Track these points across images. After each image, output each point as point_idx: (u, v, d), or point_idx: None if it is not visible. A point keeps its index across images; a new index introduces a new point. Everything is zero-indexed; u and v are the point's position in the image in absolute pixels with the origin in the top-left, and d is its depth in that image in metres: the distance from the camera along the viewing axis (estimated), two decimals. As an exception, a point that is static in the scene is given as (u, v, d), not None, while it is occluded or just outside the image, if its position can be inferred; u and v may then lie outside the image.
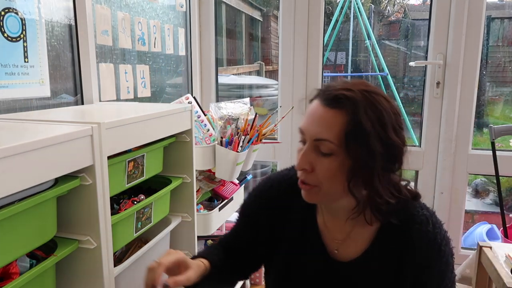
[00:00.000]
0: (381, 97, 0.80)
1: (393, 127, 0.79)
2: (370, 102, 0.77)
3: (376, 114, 0.77)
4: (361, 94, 0.78)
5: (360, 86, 0.80)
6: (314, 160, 0.81)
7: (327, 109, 0.79)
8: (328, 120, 0.78)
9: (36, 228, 0.83)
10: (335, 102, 0.78)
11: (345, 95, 0.77)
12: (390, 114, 0.79)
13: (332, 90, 0.80)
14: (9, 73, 1.14)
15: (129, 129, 1.08)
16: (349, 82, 0.84)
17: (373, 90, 0.80)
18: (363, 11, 4.76)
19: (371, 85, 0.83)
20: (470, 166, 2.10)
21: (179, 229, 1.49)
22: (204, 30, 2.27)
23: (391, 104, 0.81)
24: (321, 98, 0.81)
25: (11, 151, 0.71)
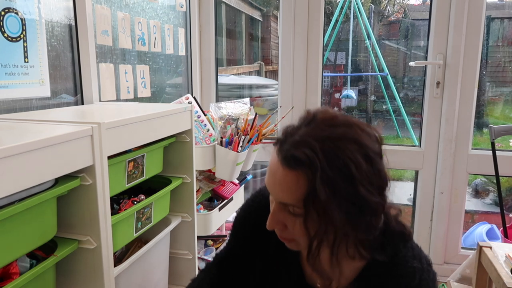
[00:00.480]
0: (350, 143, 0.69)
1: (365, 179, 0.68)
2: (332, 159, 0.67)
3: (340, 172, 0.67)
4: (321, 150, 0.67)
5: (324, 132, 0.70)
6: (284, 219, 0.75)
7: (286, 170, 0.70)
8: (288, 183, 0.70)
9: (36, 228, 0.83)
10: (293, 163, 0.69)
11: (303, 155, 0.68)
12: (360, 165, 0.68)
13: (291, 146, 0.70)
14: (9, 73, 1.14)
15: (129, 129, 1.08)
16: (312, 126, 0.72)
17: (338, 136, 0.69)
18: (363, 11, 4.76)
19: (340, 122, 0.72)
20: (470, 166, 2.10)
21: (179, 229, 1.49)
22: (204, 30, 2.27)
23: (365, 147, 0.70)
24: (280, 154, 0.72)
25: (11, 151, 0.71)
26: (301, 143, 0.69)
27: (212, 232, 1.77)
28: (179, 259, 1.53)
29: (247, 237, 0.96)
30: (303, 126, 0.73)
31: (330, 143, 0.68)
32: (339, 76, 5.54)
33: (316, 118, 0.73)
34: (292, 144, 0.71)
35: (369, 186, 0.69)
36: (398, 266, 0.77)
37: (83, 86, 1.41)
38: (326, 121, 0.72)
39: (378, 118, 5.32)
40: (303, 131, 0.72)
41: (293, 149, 0.70)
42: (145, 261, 1.28)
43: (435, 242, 2.18)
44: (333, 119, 0.72)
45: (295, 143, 0.70)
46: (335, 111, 0.75)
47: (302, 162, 0.68)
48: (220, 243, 2.03)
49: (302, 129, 0.72)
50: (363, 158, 0.69)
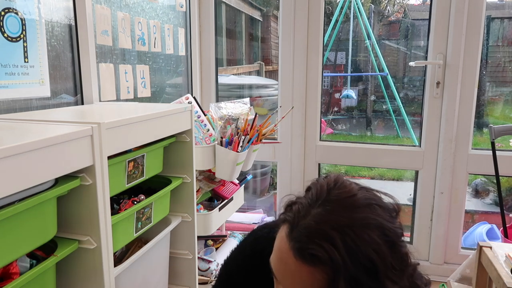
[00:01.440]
0: (372, 230, 0.61)
1: (390, 269, 0.62)
2: (355, 254, 0.59)
3: (365, 268, 0.60)
4: (343, 244, 0.59)
5: (343, 219, 0.61)
6: None
7: (301, 264, 0.61)
8: (303, 278, 0.62)
9: (36, 228, 0.83)
10: (310, 259, 0.61)
11: (323, 253, 0.59)
12: (385, 256, 0.61)
13: (306, 236, 0.61)
14: (9, 73, 1.14)
15: (129, 129, 1.08)
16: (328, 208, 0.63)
17: (360, 224, 0.61)
18: (363, 11, 4.77)
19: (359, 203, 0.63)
20: (470, 166, 2.10)
21: (179, 229, 1.49)
22: (204, 30, 2.27)
23: (387, 231, 0.63)
24: (291, 242, 0.63)
25: (11, 151, 0.71)
26: (318, 234, 0.61)
27: (212, 232, 1.77)
28: (179, 259, 1.53)
29: (237, 283, 0.88)
30: (316, 207, 0.64)
31: (351, 233, 0.60)
32: (339, 76, 5.54)
33: (331, 196, 0.64)
34: (306, 232, 0.62)
35: (393, 275, 0.62)
36: None
37: (83, 86, 1.41)
38: (343, 202, 0.64)
39: (378, 118, 5.32)
40: (317, 215, 0.63)
41: (309, 242, 0.61)
42: (145, 261, 1.28)
43: (435, 242, 2.18)
44: (351, 199, 0.64)
45: (310, 233, 0.61)
46: (350, 184, 0.67)
47: (321, 260, 0.60)
48: (220, 243, 2.03)
49: (315, 210, 0.63)
50: (387, 245, 0.62)
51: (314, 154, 2.27)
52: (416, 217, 2.22)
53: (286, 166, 2.30)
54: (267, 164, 3.29)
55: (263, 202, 3.18)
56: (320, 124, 2.27)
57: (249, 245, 0.90)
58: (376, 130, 5.31)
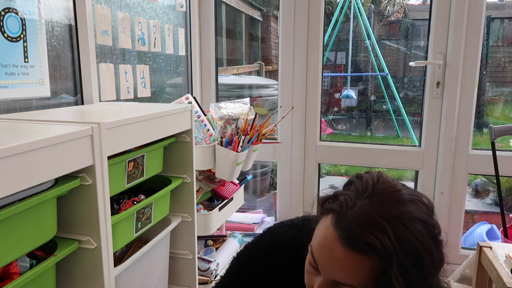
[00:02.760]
0: (419, 224, 0.63)
1: (432, 266, 0.64)
2: (406, 245, 0.60)
3: (414, 261, 0.61)
4: (394, 235, 0.60)
5: (392, 210, 0.62)
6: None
7: (350, 252, 0.62)
8: (352, 266, 0.63)
9: (36, 228, 0.83)
10: (362, 247, 0.61)
11: (376, 240, 0.60)
12: (431, 251, 0.63)
13: (356, 224, 0.62)
14: (9, 73, 1.14)
15: (129, 129, 1.08)
16: (376, 200, 0.64)
17: (408, 216, 0.62)
18: (363, 11, 4.77)
19: (405, 197, 0.65)
20: (470, 166, 2.10)
21: (179, 229, 1.49)
22: (204, 30, 2.27)
23: (431, 227, 0.65)
24: (340, 231, 0.63)
25: (11, 151, 0.71)
26: (369, 223, 0.61)
27: (212, 232, 1.77)
28: (179, 259, 1.53)
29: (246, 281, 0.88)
30: (363, 198, 0.65)
31: (401, 224, 0.61)
32: (339, 76, 5.54)
33: (377, 189, 0.65)
34: (356, 221, 0.62)
35: (435, 272, 0.65)
36: None
37: (83, 86, 1.41)
38: (391, 195, 0.65)
39: (378, 118, 5.32)
40: (365, 205, 0.64)
41: (361, 230, 0.61)
42: (145, 261, 1.28)
43: (435, 242, 2.18)
44: (397, 193, 0.65)
45: (361, 221, 0.62)
46: (393, 180, 0.68)
47: (374, 249, 0.60)
48: (220, 243, 2.03)
49: (362, 202, 0.64)
50: (431, 240, 0.64)
51: (314, 154, 2.27)
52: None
53: (286, 166, 2.30)
54: (267, 164, 3.29)
55: (263, 202, 3.18)
56: (320, 124, 2.27)
57: (266, 245, 0.89)
58: (376, 130, 5.32)
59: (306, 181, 2.31)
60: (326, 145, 2.26)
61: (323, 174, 4.31)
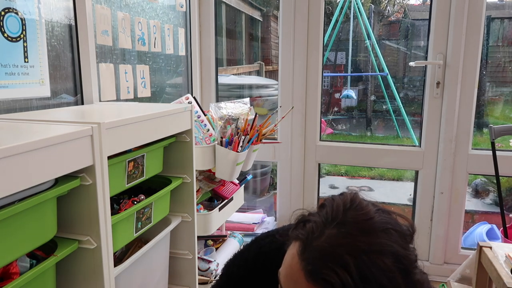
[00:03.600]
0: (388, 257, 0.60)
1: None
2: (368, 280, 0.58)
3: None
4: (357, 271, 0.58)
5: (359, 243, 0.60)
6: None
7: (312, 286, 0.60)
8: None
9: (36, 228, 0.83)
10: (322, 283, 0.59)
11: (335, 279, 0.58)
12: (398, 282, 0.60)
13: (318, 259, 0.61)
14: (9, 73, 1.14)
15: (129, 129, 1.08)
16: (344, 231, 0.62)
17: (376, 250, 0.60)
18: (363, 11, 4.77)
19: (376, 226, 0.62)
20: (470, 166, 2.10)
21: (179, 229, 1.49)
22: (204, 30, 2.27)
23: (402, 259, 0.61)
24: (303, 262, 0.62)
25: (11, 151, 0.71)
26: (332, 258, 0.59)
27: (212, 232, 1.77)
28: (179, 259, 1.53)
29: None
30: (330, 227, 0.63)
31: (366, 259, 0.59)
32: (339, 76, 5.55)
33: (347, 218, 0.63)
34: (320, 255, 0.61)
35: None
36: None
37: (83, 86, 1.41)
38: (360, 225, 0.62)
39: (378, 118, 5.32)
40: (332, 236, 0.62)
41: (323, 266, 0.59)
42: (145, 261, 1.28)
43: (435, 242, 2.18)
44: (368, 222, 0.62)
45: (324, 256, 0.60)
46: (367, 205, 0.65)
47: (333, 286, 0.58)
48: (220, 243, 2.03)
49: (330, 231, 0.62)
50: (401, 273, 0.60)
51: (314, 154, 2.27)
52: (416, 217, 2.22)
53: (286, 166, 2.30)
54: (267, 164, 3.29)
55: (263, 202, 3.18)
56: (320, 124, 2.27)
57: (253, 255, 0.89)
58: (376, 130, 5.32)
59: (306, 181, 2.31)
60: (326, 145, 2.26)
61: (323, 174, 4.32)
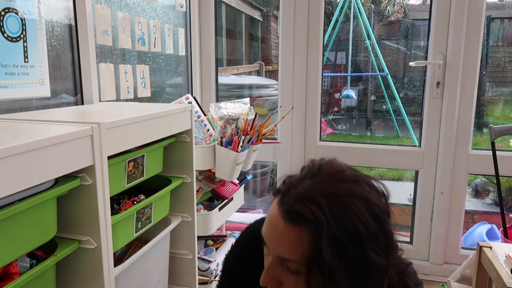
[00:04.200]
0: (358, 200, 0.65)
1: (373, 240, 0.64)
2: (339, 217, 0.63)
3: (348, 232, 0.63)
4: (328, 208, 0.63)
5: (331, 188, 0.65)
6: (280, 275, 0.70)
7: (289, 225, 0.65)
8: (291, 239, 0.66)
9: (36, 228, 0.83)
10: (297, 219, 0.64)
11: (308, 212, 0.63)
12: (368, 224, 0.64)
13: (294, 199, 0.66)
14: (9, 73, 1.14)
15: (129, 129, 1.08)
16: (318, 179, 0.67)
17: (346, 192, 0.65)
18: (363, 11, 4.77)
19: (347, 177, 0.68)
20: (470, 166, 2.10)
21: (179, 229, 1.49)
22: (204, 30, 2.27)
23: (373, 205, 0.66)
24: (281, 207, 0.67)
25: (11, 151, 0.71)
26: (306, 198, 0.65)
27: (212, 232, 1.77)
28: (179, 259, 1.53)
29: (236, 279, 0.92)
30: (307, 178, 0.69)
31: (337, 199, 0.64)
32: (339, 76, 5.54)
33: (322, 170, 0.69)
34: (296, 197, 0.66)
35: (377, 247, 0.65)
36: None
37: (83, 86, 1.41)
38: (333, 175, 0.68)
39: (378, 118, 5.32)
40: (307, 184, 0.67)
41: (297, 204, 0.65)
42: (145, 261, 1.28)
43: (435, 242, 2.18)
44: (340, 173, 0.69)
45: (300, 197, 0.66)
46: (342, 163, 0.72)
47: (307, 220, 0.63)
48: (220, 243, 2.04)
49: (306, 181, 0.68)
50: (371, 216, 0.64)
51: (314, 154, 2.27)
52: (416, 217, 2.22)
53: (286, 166, 2.30)
54: (267, 164, 3.29)
55: (263, 202, 3.18)
56: (320, 124, 2.27)
57: (245, 240, 0.92)
58: (376, 130, 5.32)
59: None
60: (326, 145, 2.26)
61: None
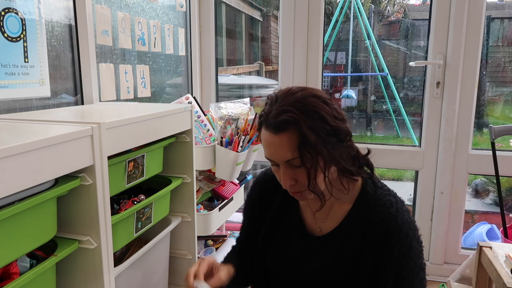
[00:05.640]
0: (310, 98, 0.91)
1: (331, 116, 0.91)
2: (306, 112, 0.89)
3: (315, 118, 0.89)
4: (297, 110, 0.89)
5: (291, 99, 0.91)
6: (293, 174, 0.93)
7: (280, 135, 0.90)
8: (286, 142, 0.90)
9: (36, 228, 0.83)
10: (281, 128, 0.89)
11: (285, 119, 0.88)
12: (324, 107, 0.91)
13: (273, 118, 0.90)
14: (9, 73, 1.14)
15: (129, 129, 1.08)
16: (285, 99, 0.92)
17: (301, 97, 0.91)
18: (363, 11, 4.77)
19: (295, 89, 0.94)
20: (470, 166, 2.10)
21: (179, 229, 1.49)
22: (204, 30, 2.27)
23: (323, 99, 0.93)
24: (268, 128, 0.92)
25: (11, 151, 0.71)
26: (281, 112, 0.89)
27: (212, 232, 1.77)
28: (179, 259, 1.53)
29: (257, 203, 1.16)
30: (273, 104, 0.93)
31: (298, 103, 0.90)
32: (339, 76, 5.54)
33: (278, 95, 0.94)
34: (274, 116, 0.90)
35: (335, 119, 0.92)
36: (377, 200, 0.98)
37: (83, 86, 1.41)
38: (286, 93, 0.93)
39: (378, 118, 5.32)
40: (276, 106, 0.92)
41: (278, 118, 0.89)
42: (145, 261, 1.28)
43: (435, 242, 2.18)
44: (290, 90, 0.94)
45: (277, 115, 0.90)
46: (291, 87, 0.96)
47: (289, 122, 0.88)
48: (220, 243, 2.03)
49: (274, 106, 0.92)
50: (322, 102, 0.91)
51: (314, 154, 2.26)
52: (416, 217, 2.22)
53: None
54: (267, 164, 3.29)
55: (263, 202, 3.17)
56: (320, 124, 2.26)
57: (252, 186, 1.20)
58: (376, 130, 5.32)
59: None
60: (326, 145, 2.26)
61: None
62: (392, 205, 0.97)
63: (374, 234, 0.96)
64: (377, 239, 0.95)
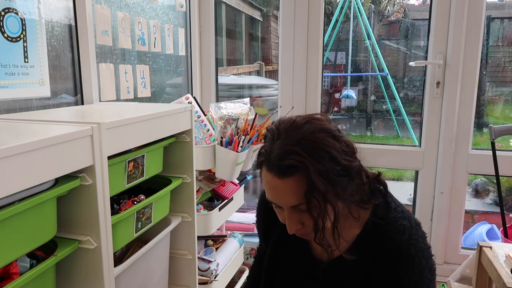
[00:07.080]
0: (318, 133, 0.82)
1: (341, 153, 0.83)
2: (314, 152, 0.80)
3: (324, 159, 0.80)
4: (304, 151, 0.79)
5: (296, 136, 0.82)
6: (299, 218, 0.87)
7: (285, 180, 0.81)
8: (292, 189, 0.82)
9: (36, 228, 0.83)
10: (288, 172, 0.80)
11: (293, 162, 0.79)
12: (334, 145, 0.82)
13: (277, 159, 0.81)
14: (9, 73, 1.14)
15: (129, 129, 1.08)
16: (289, 134, 0.83)
17: (307, 133, 0.82)
18: (363, 11, 4.77)
19: (300, 122, 0.84)
20: (470, 166, 2.10)
21: (179, 229, 1.49)
22: (204, 30, 2.27)
23: (332, 133, 0.84)
24: (271, 170, 0.83)
25: (11, 151, 0.71)
26: (285, 153, 0.80)
27: (212, 232, 1.77)
28: (179, 259, 1.53)
29: (262, 226, 1.13)
30: (275, 141, 0.83)
31: (304, 141, 0.81)
32: (339, 76, 5.54)
33: (281, 129, 0.85)
34: (278, 157, 0.81)
35: (346, 155, 0.83)
36: (389, 225, 0.91)
37: (83, 86, 1.41)
38: (290, 127, 0.84)
39: (378, 118, 5.32)
40: (278, 144, 0.82)
41: (282, 161, 0.80)
42: (145, 261, 1.28)
43: (435, 242, 2.18)
44: (294, 123, 0.85)
45: (280, 156, 0.81)
46: (291, 117, 0.87)
47: (295, 167, 0.79)
48: (220, 243, 2.03)
49: (276, 144, 0.83)
50: (332, 139, 0.83)
51: (314, 154, 2.26)
52: (416, 217, 2.22)
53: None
54: (267, 164, 3.28)
55: (263, 202, 3.17)
56: (320, 124, 2.26)
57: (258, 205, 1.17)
58: (376, 130, 5.32)
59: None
60: (326, 145, 2.26)
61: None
62: (405, 230, 0.90)
63: (384, 262, 0.89)
64: (387, 267, 0.89)
